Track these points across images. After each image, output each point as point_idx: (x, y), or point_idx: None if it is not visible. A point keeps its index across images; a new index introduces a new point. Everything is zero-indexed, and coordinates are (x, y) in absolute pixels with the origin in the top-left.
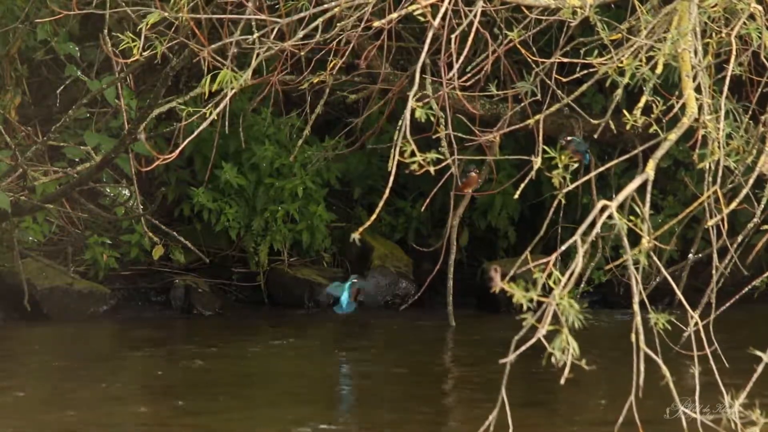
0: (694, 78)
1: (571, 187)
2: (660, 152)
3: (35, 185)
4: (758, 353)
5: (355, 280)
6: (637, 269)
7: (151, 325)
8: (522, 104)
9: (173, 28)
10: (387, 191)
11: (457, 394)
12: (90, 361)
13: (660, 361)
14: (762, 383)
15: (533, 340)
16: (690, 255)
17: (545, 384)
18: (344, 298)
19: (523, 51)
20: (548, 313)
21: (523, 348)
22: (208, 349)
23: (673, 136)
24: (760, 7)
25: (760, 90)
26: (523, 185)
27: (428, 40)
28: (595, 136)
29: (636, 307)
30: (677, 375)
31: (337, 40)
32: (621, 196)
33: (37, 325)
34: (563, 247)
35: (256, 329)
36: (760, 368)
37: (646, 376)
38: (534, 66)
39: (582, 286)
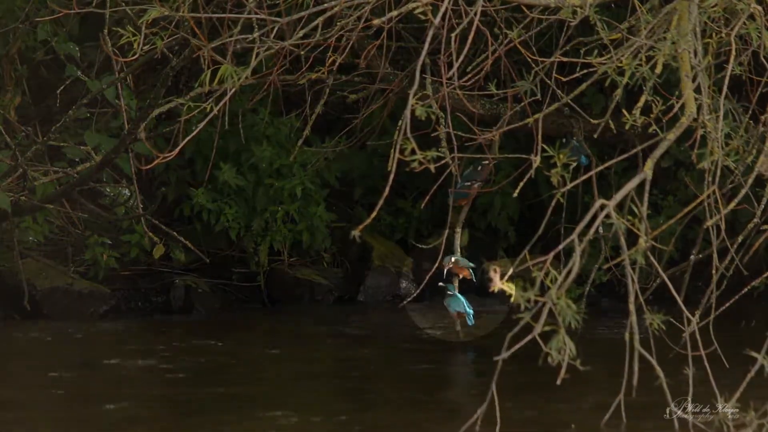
0: (694, 78)
1: (569, 186)
2: (658, 152)
3: (35, 185)
4: (754, 354)
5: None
6: (634, 269)
7: (151, 325)
8: (522, 104)
9: (173, 24)
10: (386, 191)
11: (460, 393)
12: (90, 362)
13: (654, 362)
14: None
15: (527, 339)
16: (692, 256)
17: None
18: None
19: (522, 51)
20: (544, 313)
21: (517, 346)
22: (208, 350)
23: (672, 136)
24: (759, 7)
25: (759, 90)
26: (521, 184)
27: (428, 39)
28: (595, 136)
29: (632, 307)
30: (678, 375)
31: (337, 37)
32: (619, 196)
33: (37, 326)
34: (560, 246)
35: (256, 329)
36: (754, 369)
37: (644, 377)
38: (534, 65)
39: (586, 286)
